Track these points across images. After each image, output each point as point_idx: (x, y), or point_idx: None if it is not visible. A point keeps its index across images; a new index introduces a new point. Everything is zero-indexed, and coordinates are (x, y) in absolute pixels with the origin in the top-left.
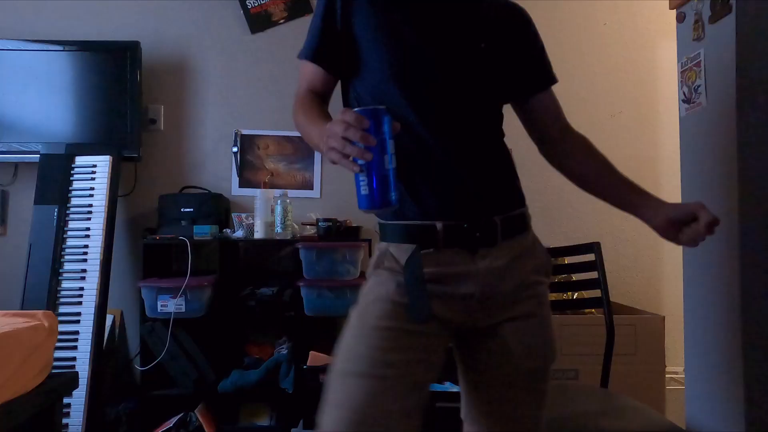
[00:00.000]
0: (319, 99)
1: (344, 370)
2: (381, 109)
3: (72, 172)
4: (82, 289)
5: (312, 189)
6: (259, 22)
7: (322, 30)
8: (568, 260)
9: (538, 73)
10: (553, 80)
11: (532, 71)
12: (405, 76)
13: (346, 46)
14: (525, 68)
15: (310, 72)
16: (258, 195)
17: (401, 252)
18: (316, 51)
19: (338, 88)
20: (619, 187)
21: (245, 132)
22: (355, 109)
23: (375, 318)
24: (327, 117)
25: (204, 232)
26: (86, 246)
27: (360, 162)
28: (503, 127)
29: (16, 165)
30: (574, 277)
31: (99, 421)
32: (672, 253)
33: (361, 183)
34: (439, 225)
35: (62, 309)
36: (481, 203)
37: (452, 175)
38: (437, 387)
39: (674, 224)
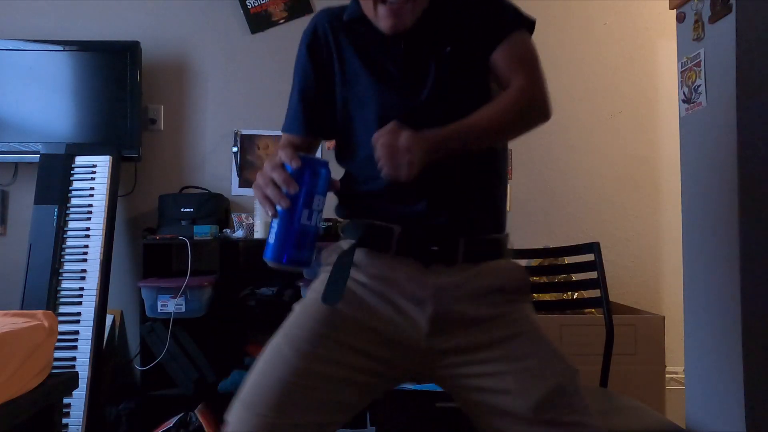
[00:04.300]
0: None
1: (262, 369)
2: (321, 162)
3: (72, 172)
4: (82, 289)
5: None
6: (259, 22)
7: (302, 103)
8: (567, 260)
9: (489, 31)
10: (500, 35)
11: (486, 30)
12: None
13: (328, 107)
14: (481, 33)
15: (291, 138)
16: None
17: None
18: (294, 127)
19: None
20: None
21: (245, 132)
22: (299, 154)
23: (308, 318)
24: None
25: (204, 232)
26: (86, 246)
27: (278, 209)
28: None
29: (16, 165)
30: (574, 277)
31: (99, 421)
32: (672, 253)
33: (271, 230)
34: (397, 229)
35: (62, 309)
36: (449, 219)
37: (426, 186)
38: (435, 387)
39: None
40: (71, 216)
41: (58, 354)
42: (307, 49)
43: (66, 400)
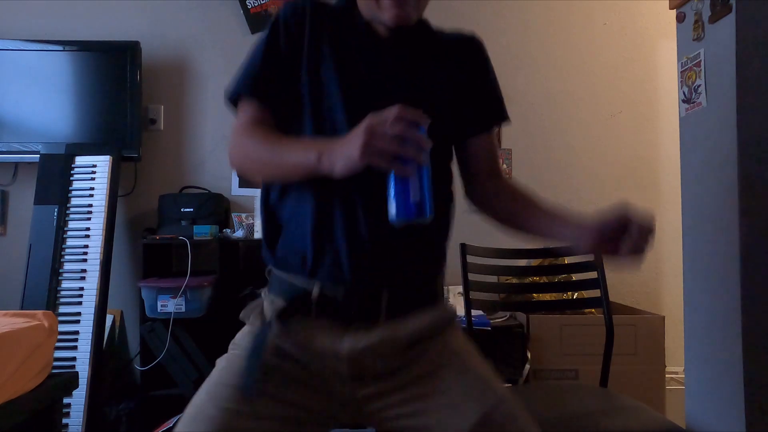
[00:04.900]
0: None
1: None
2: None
3: (72, 172)
4: (82, 289)
5: None
6: (259, 22)
7: (265, 62)
8: (567, 260)
9: (478, 115)
10: (492, 124)
11: (473, 112)
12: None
13: (293, 83)
14: (467, 108)
15: (251, 111)
16: (258, 195)
17: (269, 309)
18: (256, 87)
19: None
20: (541, 219)
21: None
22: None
23: (232, 374)
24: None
25: (204, 232)
26: (86, 246)
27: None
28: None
29: (16, 165)
30: (574, 277)
31: (99, 421)
32: (672, 253)
33: (411, 189)
34: (315, 290)
35: (62, 309)
36: (375, 266)
37: (359, 226)
38: None
39: (606, 238)
40: (71, 216)
41: (58, 354)
42: (284, 23)
43: (66, 400)
